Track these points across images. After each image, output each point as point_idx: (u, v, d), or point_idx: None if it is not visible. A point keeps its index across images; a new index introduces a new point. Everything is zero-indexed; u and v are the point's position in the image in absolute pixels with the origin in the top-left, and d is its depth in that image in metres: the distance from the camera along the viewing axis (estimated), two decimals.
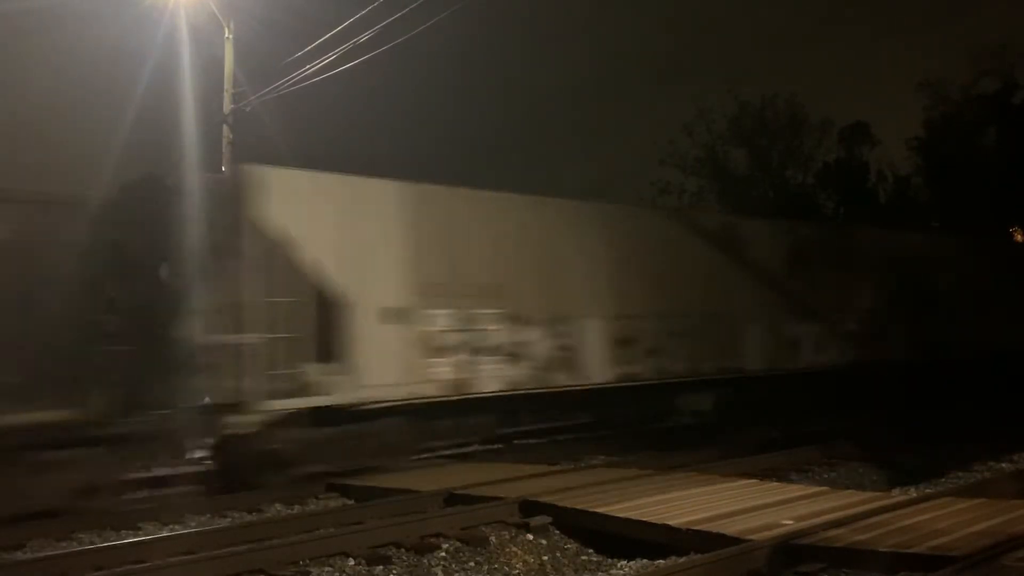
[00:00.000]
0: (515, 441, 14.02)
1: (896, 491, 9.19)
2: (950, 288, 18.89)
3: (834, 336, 16.53)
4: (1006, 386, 17.36)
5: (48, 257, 9.00)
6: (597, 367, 13.05)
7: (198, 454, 11.70)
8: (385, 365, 10.74)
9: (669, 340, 13.88)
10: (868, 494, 8.25)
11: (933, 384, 17.00)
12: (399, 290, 11.07)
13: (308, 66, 16.94)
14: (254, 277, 9.84)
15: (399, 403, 10.86)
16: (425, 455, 12.29)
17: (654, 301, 13.84)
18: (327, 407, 10.30)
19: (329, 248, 10.50)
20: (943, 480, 10.08)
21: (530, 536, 7.44)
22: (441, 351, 11.30)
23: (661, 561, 6.46)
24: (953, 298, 18.85)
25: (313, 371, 10.20)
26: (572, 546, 7.33)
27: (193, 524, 8.95)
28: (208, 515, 9.23)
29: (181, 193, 9.88)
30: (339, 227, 10.70)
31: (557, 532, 7.54)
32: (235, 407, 9.64)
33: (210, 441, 10.24)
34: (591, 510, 7.53)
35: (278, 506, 9.69)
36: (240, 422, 9.71)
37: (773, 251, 16.04)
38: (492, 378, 11.77)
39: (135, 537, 8.32)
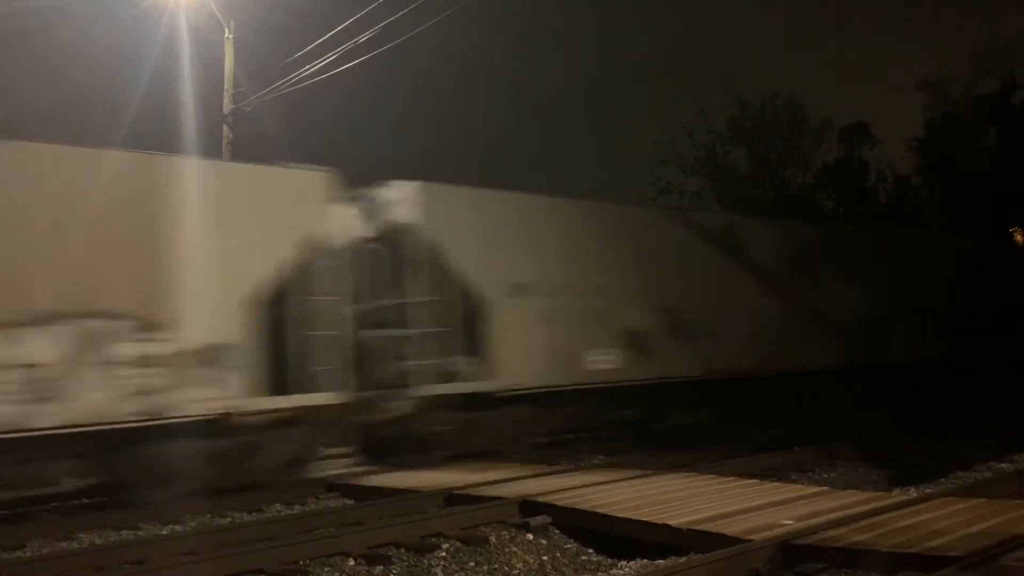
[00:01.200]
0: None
1: (896, 491, 9.18)
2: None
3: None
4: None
5: None
6: None
7: None
8: None
9: None
10: (868, 494, 8.24)
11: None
12: None
13: (308, 66, 16.95)
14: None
15: None
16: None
17: None
18: None
19: None
20: (943, 480, 10.07)
21: (530, 536, 7.44)
22: None
23: (661, 561, 6.45)
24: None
25: None
26: (572, 546, 7.33)
27: (193, 524, 8.96)
28: (208, 515, 9.24)
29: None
30: None
31: (557, 532, 7.53)
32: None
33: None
34: (591, 510, 7.52)
35: (278, 506, 9.71)
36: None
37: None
38: None
39: (135, 537, 8.34)
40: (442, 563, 6.91)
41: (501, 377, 12.06)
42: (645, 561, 6.67)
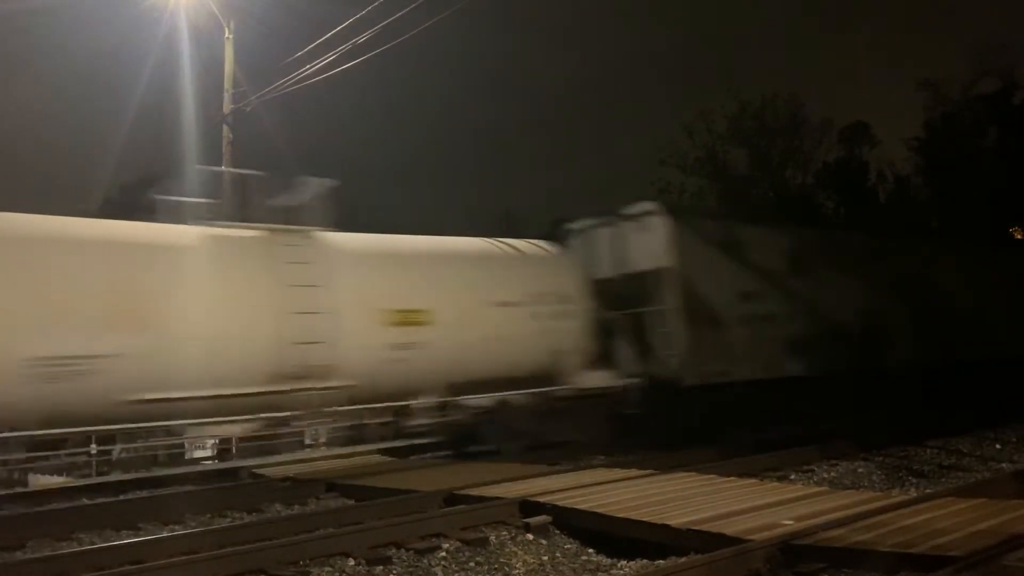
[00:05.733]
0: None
1: (896, 491, 9.19)
2: None
3: None
4: None
5: None
6: None
7: (197, 454, 11.71)
8: None
9: None
10: (868, 494, 8.24)
11: None
12: None
13: (308, 66, 16.95)
14: None
15: None
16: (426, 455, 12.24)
17: None
18: None
19: None
20: (943, 480, 10.08)
21: (530, 536, 7.44)
22: None
23: (661, 561, 6.45)
24: None
25: None
26: (572, 546, 7.32)
27: (193, 524, 8.95)
28: (208, 515, 9.23)
29: None
30: None
31: (557, 532, 7.53)
32: None
33: None
34: (591, 510, 7.52)
35: (278, 506, 9.71)
36: None
37: None
38: None
39: (135, 537, 8.33)
40: (442, 563, 6.90)
41: None
42: (645, 561, 6.67)
